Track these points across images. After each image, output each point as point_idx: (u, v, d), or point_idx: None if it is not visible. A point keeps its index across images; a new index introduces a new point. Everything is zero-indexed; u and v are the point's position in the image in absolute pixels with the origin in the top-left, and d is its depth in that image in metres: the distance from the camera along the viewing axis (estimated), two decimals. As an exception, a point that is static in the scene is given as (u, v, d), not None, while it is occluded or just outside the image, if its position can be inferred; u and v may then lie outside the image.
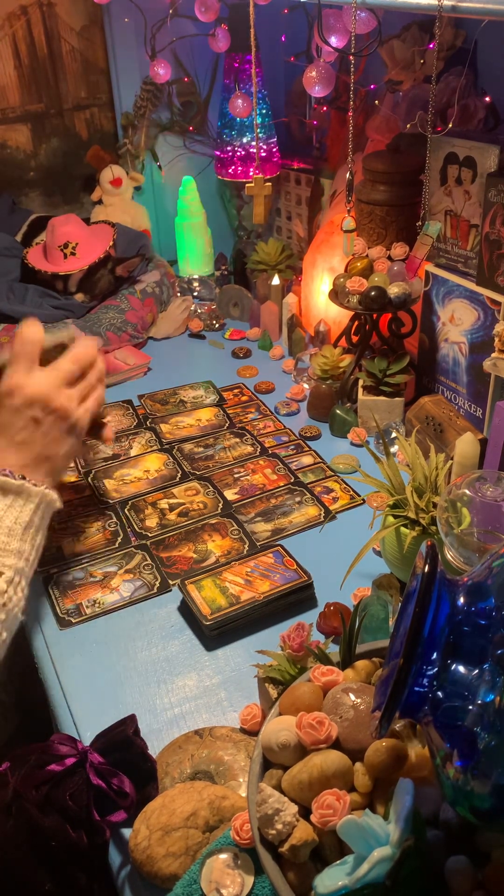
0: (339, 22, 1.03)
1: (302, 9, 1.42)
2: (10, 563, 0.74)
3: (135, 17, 1.55)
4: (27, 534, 0.77)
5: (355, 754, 0.55)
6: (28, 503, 0.78)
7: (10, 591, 0.72)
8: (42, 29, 1.55)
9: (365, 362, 1.20)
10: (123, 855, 0.68)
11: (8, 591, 0.72)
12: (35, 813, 0.64)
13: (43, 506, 0.79)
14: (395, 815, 0.48)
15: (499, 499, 0.76)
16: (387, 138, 1.30)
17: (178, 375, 1.39)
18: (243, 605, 0.88)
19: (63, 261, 1.41)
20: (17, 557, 0.75)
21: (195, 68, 1.64)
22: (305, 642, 0.70)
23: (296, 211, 1.63)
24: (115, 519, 1.05)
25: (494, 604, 0.49)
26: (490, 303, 1.05)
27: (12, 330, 1.33)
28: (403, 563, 0.87)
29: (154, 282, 1.53)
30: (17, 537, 0.75)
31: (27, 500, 0.78)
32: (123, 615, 0.92)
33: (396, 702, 0.47)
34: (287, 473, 1.13)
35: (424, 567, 0.48)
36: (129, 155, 1.69)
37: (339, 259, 1.29)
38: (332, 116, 1.51)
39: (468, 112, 1.15)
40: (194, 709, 0.80)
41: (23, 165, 1.65)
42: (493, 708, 0.45)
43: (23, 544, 0.76)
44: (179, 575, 0.96)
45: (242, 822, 0.63)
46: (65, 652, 0.87)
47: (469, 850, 0.51)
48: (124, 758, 0.69)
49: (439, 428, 1.08)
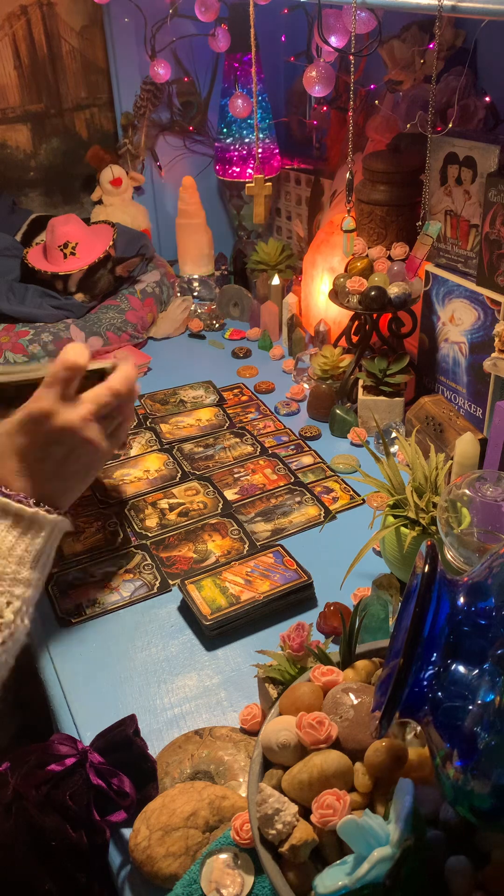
0: (339, 22, 1.03)
1: (302, 9, 1.42)
2: (18, 592, 0.73)
3: (135, 17, 1.55)
4: (38, 563, 0.76)
5: (355, 754, 0.55)
6: (41, 532, 0.76)
7: (17, 621, 0.72)
8: (42, 29, 1.55)
9: (365, 362, 1.20)
10: (123, 855, 0.68)
11: (15, 621, 0.72)
12: (35, 813, 0.64)
13: (56, 533, 0.78)
14: (395, 815, 0.48)
15: (499, 499, 0.76)
16: (387, 138, 1.30)
17: (178, 375, 1.39)
18: (243, 605, 0.88)
19: (63, 261, 1.41)
20: (27, 587, 0.74)
21: (195, 68, 1.64)
22: (305, 642, 0.70)
23: (296, 211, 1.63)
24: (115, 519, 1.05)
25: (494, 604, 0.49)
26: (490, 303, 1.05)
27: (12, 330, 1.34)
28: (403, 563, 0.87)
29: (154, 282, 1.53)
30: (28, 567, 0.74)
31: (40, 530, 0.76)
32: (123, 615, 0.92)
33: (396, 702, 0.47)
34: (287, 473, 1.13)
35: (424, 567, 0.48)
36: (129, 155, 1.69)
37: (339, 259, 1.29)
38: (332, 116, 1.51)
39: (468, 112, 1.15)
40: (194, 709, 0.80)
41: (23, 165, 1.65)
42: (493, 708, 0.45)
43: (32, 573, 0.75)
44: (179, 575, 0.96)
45: (242, 822, 0.63)
46: (65, 652, 0.87)
47: (469, 850, 0.51)
48: (124, 758, 0.69)
49: (439, 428, 1.08)
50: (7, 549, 0.73)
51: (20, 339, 1.32)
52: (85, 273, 1.41)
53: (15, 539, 0.74)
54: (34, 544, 0.75)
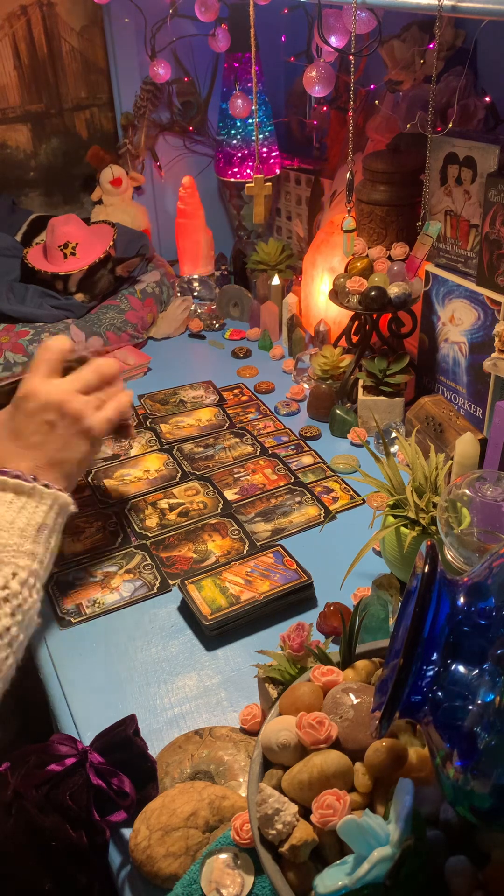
0: (339, 22, 1.03)
1: (302, 9, 1.42)
2: (23, 563, 0.73)
3: (135, 17, 1.55)
4: (40, 535, 0.76)
5: (355, 754, 0.55)
6: (41, 504, 0.77)
7: (24, 593, 0.71)
8: (42, 29, 1.55)
9: (365, 362, 1.20)
10: (123, 855, 0.68)
11: (22, 591, 0.71)
12: (35, 813, 0.64)
13: (56, 507, 0.78)
14: (395, 815, 0.48)
15: (499, 499, 0.76)
16: (387, 138, 1.30)
17: (178, 375, 1.39)
18: (243, 605, 0.88)
19: (63, 261, 1.41)
20: (31, 559, 0.74)
21: (195, 68, 1.64)
22: (305, 642, 0.70)
23: (296, 211, 1.63)
24: (115, 519, 1.05)
25: (494, 604, 0.49)
26: (490, 303, 1.05)
27: (12, 330, 1.34)
28: (403, 563, 0.87)
29: (154, 282, 1.53)
30: (31, 539, 0.74)
31: (40, 502, 0.77)
32: (123, 615, 0.92)
33: (396, 702, 0.47)
34: (287, 473, 1.13)
35: (424, 567, 0.48)
36: (129, 155, 1.69)
37: (339, 259, 1.29)
38: (332, 116, 1.51)
39: (468, 112, 1.15)
40: (194, 709, 0.80)
41: (23, 165, 1.65)
42: (493, 708, 0.45)
43: (36, 546, 0.75)
44: (179, 575, 0.96)
45: (242, 822, 0.63)
46: (65, 652, 0.87)
47: (469, 850, 0.51)
48: (124, 758, 0.69)
49: (439, 428, 1.08)
50: (8, 522, 0.74)
51: (20, 339, 1.32)
52: (85, 273, 1.41)
53: (15, 513, 0.75)
54: (35, 517, 0.76)
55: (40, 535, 0.76)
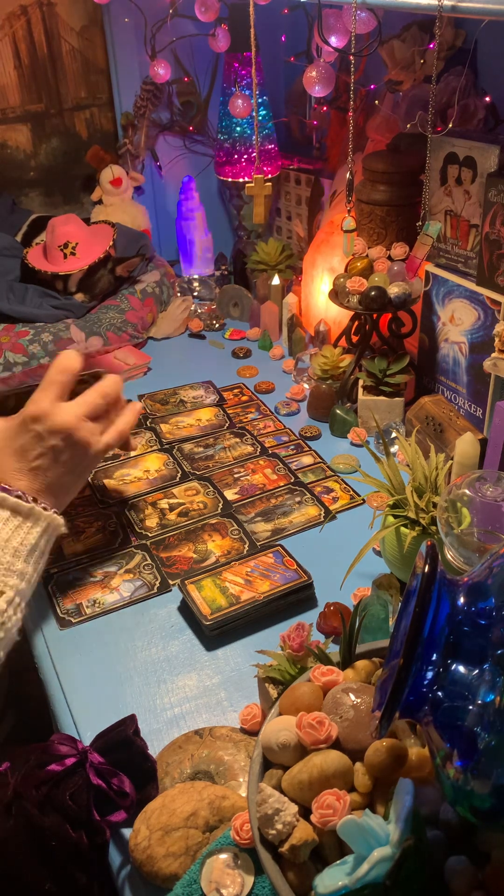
0: (339, 22, 1.03)
1: (302, 9, 1.42)
2: (12, 583, 0.75)
3: (135, 17, 1.55)
4: (31, 557, 0.78)
5: (355, 754, 0.55)
6: (36, 526, 0.79)
7: (9, 612, 0.73)
8: (42, 29, 1.55)
9: (365, 362, 1.20)
10: (123, 855, 0.68)
11: (7, 611, 0.73)
12: (35, 813, 0.64)
13: (50, 530, 0.81)
14: (395, 815, 0.48)
15: (499, 499, 0.76)
16: (387, 138, 1.30)
17: (178, 375, 1.39)
18: (243, 605, 0.88)
19: (63, 261, 1.41)
20: (20, 579, 0.76)
21: (195, 68, 1.64)
22: (305, 642, 0.70)
23: (296, 211, 1.63)
24: (115, 519, 1.05)
25: (494, 604, 0.49)
26: (490, 303, 1.05)
27: (12, 330, 1.34)
28: (403, 563, 0.87)
29: (154, 282, 1.53)
30: (22, 559, 0.76)
31: (35, 523, 0.79)
32: (123, 615, 0.92)
33: (396, 702, 0.47)
34: (287, 473, 1.13)
35: (424, 567, 0.48)
36: (129, 155, 1.69)
37: (339, 259, 1.29)
38: (332, 116, 1.51)
39: (468, 112, 1.15)
40: (194, 709, 0.80)
41: (23, 165, 1.65)
42: (493, 708, 0.45)
43: (26, 566, 0.77)
44: (179, 575, 0.96)
45: (242, 822, 0.63)
46: (65, 652, 0.87)
47: (469, 850, 0.51)
48: (124, 758, 0.69)
49: (439, 428, 1.08)
50: (3, 540, 0.75)
51: (20, 339, 1.32)
52: (85, 273, 1.41)
53: (11, 531, 0.76)
54: (29, 538, 0.78)
55: (31, 555, 0.78)
